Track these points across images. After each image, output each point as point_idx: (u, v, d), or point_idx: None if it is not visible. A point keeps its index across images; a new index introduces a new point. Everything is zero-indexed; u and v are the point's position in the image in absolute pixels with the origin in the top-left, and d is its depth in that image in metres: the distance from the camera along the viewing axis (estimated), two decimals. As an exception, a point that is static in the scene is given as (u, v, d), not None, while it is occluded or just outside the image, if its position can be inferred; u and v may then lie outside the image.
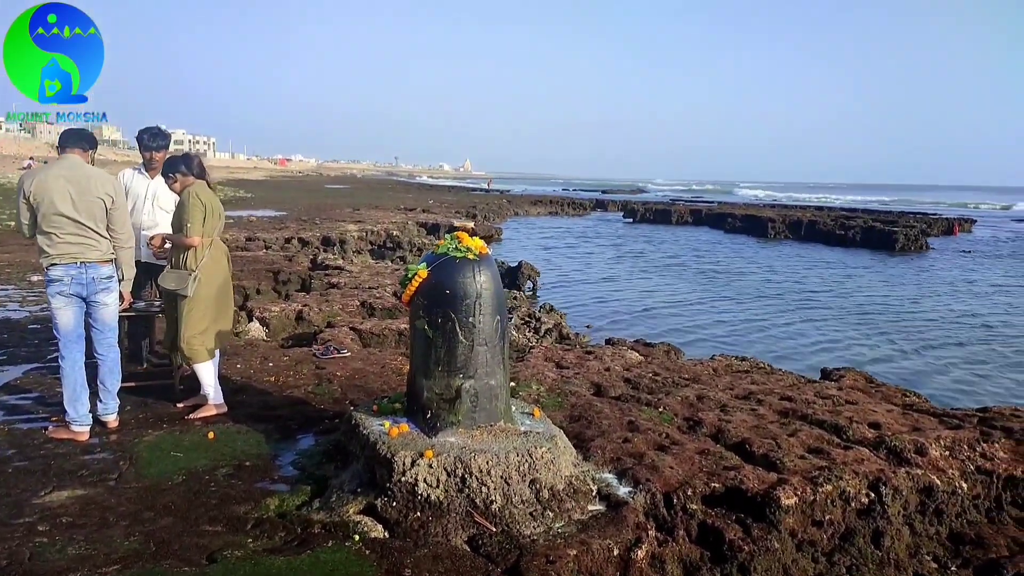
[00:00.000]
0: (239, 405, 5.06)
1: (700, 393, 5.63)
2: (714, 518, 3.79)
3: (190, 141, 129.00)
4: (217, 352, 4.94)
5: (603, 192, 76.38)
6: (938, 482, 4.25)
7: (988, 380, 9.55)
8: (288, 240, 16.33)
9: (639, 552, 3.37)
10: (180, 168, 4.86)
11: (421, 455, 3.50)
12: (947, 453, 4.57)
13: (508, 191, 69.54)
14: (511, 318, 9.86)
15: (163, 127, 6.12)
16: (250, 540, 3.26)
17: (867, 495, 4.02)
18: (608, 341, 8.71)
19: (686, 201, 56.82)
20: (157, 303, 5.56)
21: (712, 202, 56.07)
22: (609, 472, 4.08)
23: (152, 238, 5.24)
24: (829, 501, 3.92)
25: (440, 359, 3.78)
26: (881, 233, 28.24)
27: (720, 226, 35.42)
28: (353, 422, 4.04)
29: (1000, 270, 21.83)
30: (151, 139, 5.69)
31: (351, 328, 7.53)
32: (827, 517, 3.90)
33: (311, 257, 13.33)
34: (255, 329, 7.61)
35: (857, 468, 4.16)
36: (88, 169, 4.43)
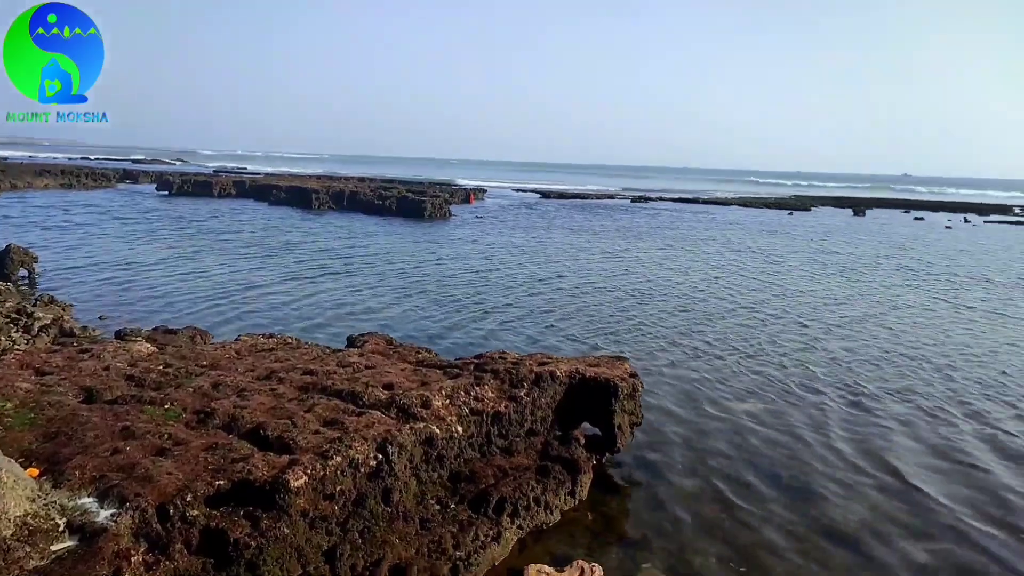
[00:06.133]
0: None
1: (217, 380, 5.20)
2: (219, 519, 3.47)
3: None
4: None
5: (133, 162, 67.74)
6: (438, 431, 4.65)
7: (489, 326, 11.16)
8: None
9: (120, 585, 2.87)
10: None
11: None
12: (447, 401, 5.05)
13: (5, 159, 56.58)
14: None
15: None
16: None
17: (375, 457, 4.17)
18: (119, 334, 7.58)
19: (229, 172, 54.08)
20: None
21: (258, 173, 54.49)
22: (89, 496, 3.42)
23: None
24: (339, 472, 3.95)
25: None
26: (412, 202, 30.98)
27: (265, 198, 34.63)
28: None
29: (506, 230, 25.93)
30: None
31: None
32: (338, 488, 3.92)
33: None
34: None
35: (367, 433, 4.28)
36: None
